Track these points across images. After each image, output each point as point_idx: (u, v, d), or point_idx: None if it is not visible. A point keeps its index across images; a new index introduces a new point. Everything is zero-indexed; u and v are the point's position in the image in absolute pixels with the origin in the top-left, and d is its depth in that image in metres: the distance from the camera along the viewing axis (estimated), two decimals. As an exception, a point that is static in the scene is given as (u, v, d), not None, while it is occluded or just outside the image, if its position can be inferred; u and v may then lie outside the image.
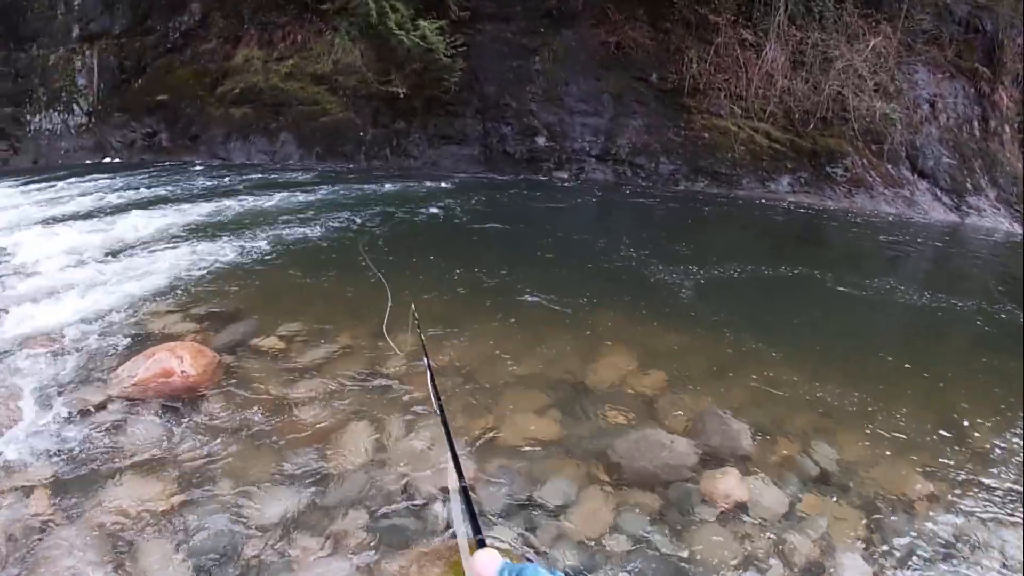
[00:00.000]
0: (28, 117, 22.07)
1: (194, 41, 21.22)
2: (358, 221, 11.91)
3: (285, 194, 13.90)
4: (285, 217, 11.84)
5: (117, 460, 4.61)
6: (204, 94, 20.67)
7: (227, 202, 12.78)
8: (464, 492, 2.69)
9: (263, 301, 7.76)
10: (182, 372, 5.57)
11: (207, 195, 13.65)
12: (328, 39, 19.69)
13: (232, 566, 3.80)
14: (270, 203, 13.08)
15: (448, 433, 3.21)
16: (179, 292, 7.79)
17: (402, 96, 18.37)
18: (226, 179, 16.05)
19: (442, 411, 3.50)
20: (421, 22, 17.08)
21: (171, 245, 9.64)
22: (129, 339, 6.47)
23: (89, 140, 21.39)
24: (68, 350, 6.22)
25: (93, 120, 21.50)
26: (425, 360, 4.40)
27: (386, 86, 18.43)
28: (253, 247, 9.71)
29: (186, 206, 12.25)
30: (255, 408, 5.35)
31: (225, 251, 9.43)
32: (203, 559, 3.83)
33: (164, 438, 4.90)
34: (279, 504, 4.27)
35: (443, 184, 16.73)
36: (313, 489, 4.44)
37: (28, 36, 22.25)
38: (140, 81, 21.37)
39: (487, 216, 13.25)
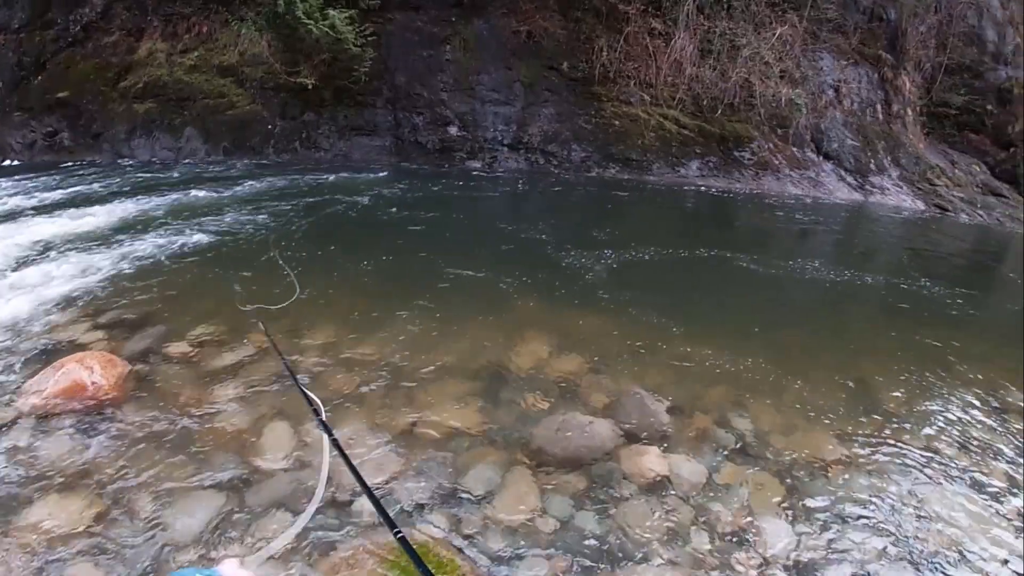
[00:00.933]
0: (-78, 119, 21.21)
1: (96, 34, 20.54)
2: (267, 217, 11.70)
3: (190, 192, 13.55)
4: (191, 216, 11.54)
5: (34, 480, 4.45)
6: (106, 90, 20.00)
7: (130, 203, 12.38)
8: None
9: (172, 305, 7.54)
10: (93, 383, 5.38)
11: (109, 197, 13.18)
12: (234, 29, 19.30)
13: (161, 580, 3.72)
14: (174, 202, 12.73)
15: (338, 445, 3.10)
16: (85, 300, 7.53)
17: (311, 87, 18.11)
18: (129, 179, 15.54)
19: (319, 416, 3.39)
20: (330, 11, 16.88)
21: (74, 251, 9.29)
22: (36, 351, 6.22)
23: (-12, 141, 20.67)
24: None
25: (-8, 120, 20.78)
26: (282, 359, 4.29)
27: (294, 77, 18.16)
28: (159, 249, 9.44)
29: (88, 209, 11.83)
30: (171, 416, 5.22)
31: (130, 254, 9.14)
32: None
33: (80, 453, 4.74)
34: (202, 513, 4.18)
35: (355, 176, 16.58)
36: (236, 495, 4.36)
37: (-79, 32, 21.38)
38: (40, 78, 20.60)
39: (400, 207, 13.17)
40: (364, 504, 4.24)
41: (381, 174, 17.13)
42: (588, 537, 4.10)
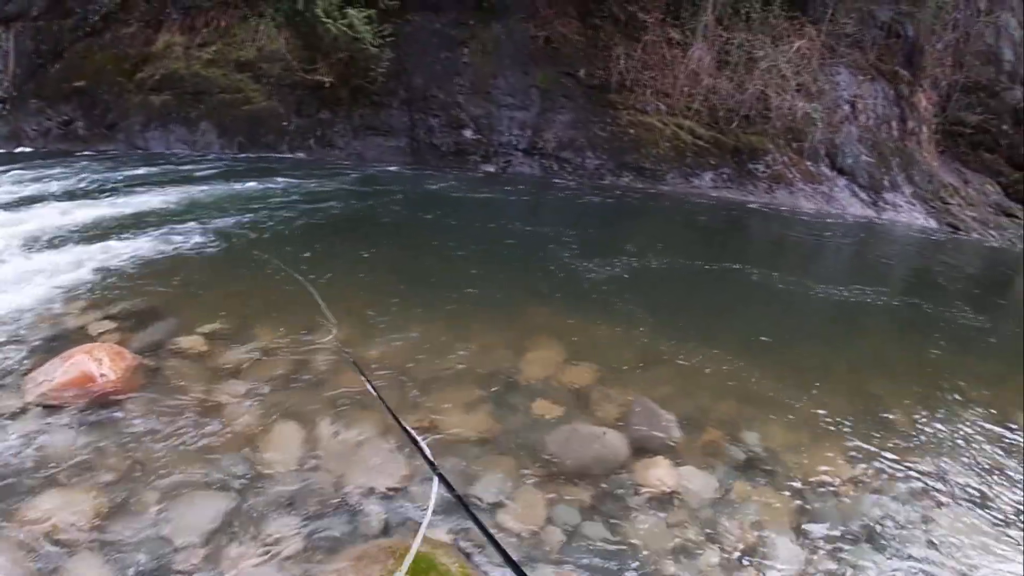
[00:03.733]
0: (-62, 104, 21.22)
1: (114, 25, 20.49)
2: (280, 215, 11.65)
3: (204, 187, 13.52)
4: (203, 211, 11.50)
5: (37, 472, 4.41)
6: (123, 80, 19.98)
7: (143, 195, 12.33)
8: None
9: (182, 299, 7.50)
10: (101, 376, 5.36)
11: (123, 188, 13.14)
12: (252, 25, 19.32)
13: (163, 580, 3.70)
14: (188, 196, 12.66)
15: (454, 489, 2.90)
16: (95, 290, 7.48)
17: (327, 85, 18.15)
18: (143, 170, 15.45)
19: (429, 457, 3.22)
20: (349, 10, 16.90)
21: (85, 240, 9.24)
22: (44, 341, 6.18)
23: (3, 128, 20.59)
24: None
25: (7, 107, 20.74)
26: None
27: (311, 75, 18.19)
28: (170, 243, 9.41)
29: (101, 199, 11.80)
30: (179, 412, 5.18)
31: (142, 247, 9.10)
32: (134, 574, 3.70)
33: (86, 447, 4.69)
34: (209, 512, 4.14)
35: (368, 176, 16.60)
36: (243, 495, 4.33)
37: (-61, 17, 21.38)
38: (57, 66, 20.58)
39: (412, 209, 13.18)
40: (373, 508, 4.24)
41: (395, 174, 17.19)
42: (597, 549, 4.08)
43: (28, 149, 19.50)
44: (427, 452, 3.28)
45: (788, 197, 17.94)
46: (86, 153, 18.46)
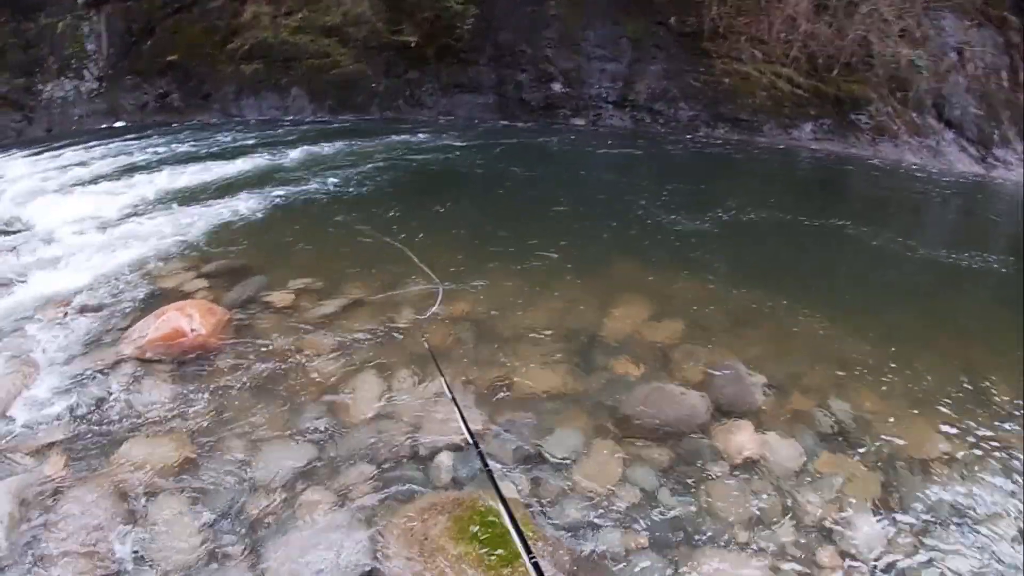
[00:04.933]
0: (40, 86, 21.72)
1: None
2: (371, 173, 11.84)
3: (296, 150, 13.81)
4: (296, 173, 11.81)
5: (130, 420, 4.67)
6: (214, 52, 20.52)
7: (238, 160, 12.72)
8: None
9: (273, 257, 7.78)
10: (192, 330, 5.61)
11: (218, 154, 13.64)
12: (337, -10, 19.47)
13: (241, 521, 3.83)
14: (280, 159, 13.03)
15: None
16: (190, 251, 7.87)
17: (414, 45, 18.25)
18: (238, 137, 16.04)
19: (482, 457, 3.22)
20: (432, -32, 16.85)
21: (183, 205, 9.69)
22: (140, 300, 6.55)
23: (101, 105, 21.19)
24: (81, 313, 6.30)
25: (104, 85, 21.30)
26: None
27: (397, 36, 18.34)
28: (264, 204, 9.74)
29: (197, 166, 12.24)
30: (265, 364, 5.38)
31: (236, 209, 9.46)
32: (214, 515, 3.86)
33: (175, 397, 4.95)
34: (288, 459, 4.30)
35: (457, 133, 16.62)
36: (322, 443, 4.46)
37: (35, 5, 21.86)
38: (149, 43, 21.13)
39: (502, 164, 13.17)
40: (443, 461, 4.28)
41: (484, 131, 17.27)
42: (668, 513, 3.98)
43: (126, 123, 20.10)
44: (474, 438, 3.32)
45: (892, 150, 17.15)
46: (182, 123, 19.07)
